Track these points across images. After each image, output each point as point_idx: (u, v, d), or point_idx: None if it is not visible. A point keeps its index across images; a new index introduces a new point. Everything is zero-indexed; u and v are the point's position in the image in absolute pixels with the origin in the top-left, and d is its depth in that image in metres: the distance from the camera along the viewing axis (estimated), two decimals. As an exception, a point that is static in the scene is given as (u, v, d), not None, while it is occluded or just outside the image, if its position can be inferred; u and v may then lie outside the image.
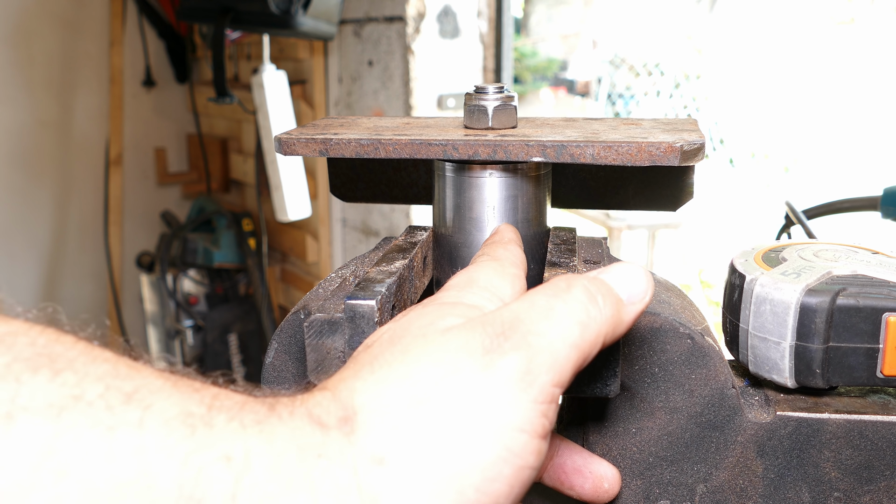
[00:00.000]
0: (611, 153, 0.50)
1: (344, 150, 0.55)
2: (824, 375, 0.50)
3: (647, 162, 0.50)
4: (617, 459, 0.52)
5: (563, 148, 0.51)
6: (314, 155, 0.55)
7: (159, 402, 0.32)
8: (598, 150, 0.51)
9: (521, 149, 0.52)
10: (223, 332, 3.03)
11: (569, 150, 0.51)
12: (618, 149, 0.50)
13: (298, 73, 2.72)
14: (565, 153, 0.51)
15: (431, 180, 0.67)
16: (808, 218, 1.10)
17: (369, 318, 0.46)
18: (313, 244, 2.80)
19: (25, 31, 3.21)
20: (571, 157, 0.51)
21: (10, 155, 3.26)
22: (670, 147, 0.49)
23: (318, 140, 0.55)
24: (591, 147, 0.51)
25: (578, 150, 0.51)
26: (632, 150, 0.50)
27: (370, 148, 0.54)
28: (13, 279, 3.30)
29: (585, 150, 0.51)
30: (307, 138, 0.55)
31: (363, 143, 0.54)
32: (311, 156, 0.55)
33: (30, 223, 3.35)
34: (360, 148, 0.54)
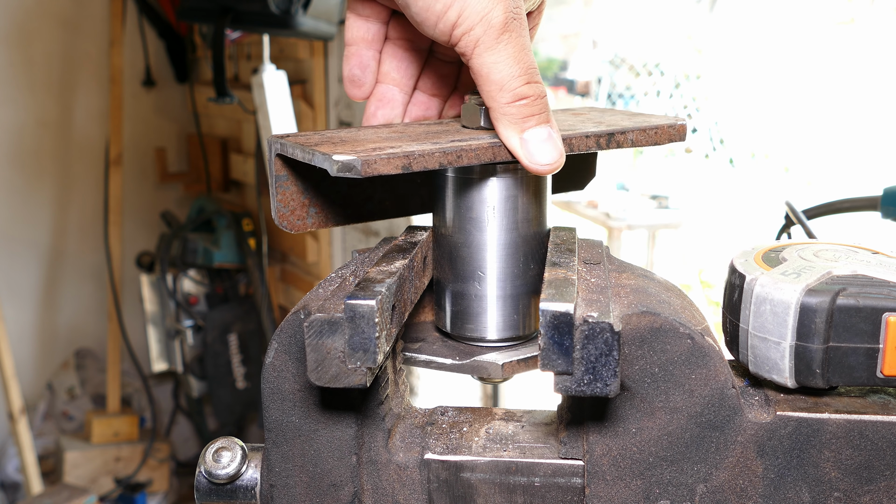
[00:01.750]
0: (645, 137, 0.58)
1: (428, 162, 0.51)
2: (824, 375, 0.50)
3: (667, 142, 0.59)
4: (617, 459, 0.52)
5: (611, 136, 0.57)
6: (398, 171, 0.50)
7: None
8: (636, 136, 0.58)
9: (582, 141, 0.56)
10: (223, 332, 3.03)
11: (615, 138, 0.57)
12: (649, 133, 0.58)
13: (298, 73, 2.72)
14: (613, 141, 0.57)
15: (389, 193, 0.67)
16: (808, 218, 1.10)
17: (369, 318, 0.46)
18: (313, 244, 2.80)
19: (25, 31, 3.21)
20: (617, 145, 0.57)
21: (10, 155, 3.26)
22: (683, 126, 0.59)
23: (400, 155, 0.50)
24: (631, 133, 0.58)
25: (623, 136, 0.57)
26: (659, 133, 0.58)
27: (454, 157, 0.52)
28: (13, 279, 3.30)
29: (627, 137, 0.58)
30: (388, 155, 0.50)
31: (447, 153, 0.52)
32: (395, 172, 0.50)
33: (30, 223, 3.35)
34: (443, 158, 0.52)
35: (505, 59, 0.52)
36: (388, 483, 0.56)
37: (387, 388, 0.56)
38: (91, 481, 3.12)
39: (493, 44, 0.52)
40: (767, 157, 6.53)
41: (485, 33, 0.52)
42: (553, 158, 0.53)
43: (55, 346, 3.46)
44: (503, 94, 0.53)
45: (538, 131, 0.53)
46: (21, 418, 2.89)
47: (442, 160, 0.51)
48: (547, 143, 0.53)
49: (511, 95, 0.53)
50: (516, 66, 0.53)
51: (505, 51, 0.52)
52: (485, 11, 0.52)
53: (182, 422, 3.63)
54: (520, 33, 0.53)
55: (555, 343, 0.45)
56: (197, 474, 0.56)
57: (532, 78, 0.53)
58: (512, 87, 0.53)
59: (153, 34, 3.42)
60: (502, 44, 0.52)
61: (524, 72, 0.53)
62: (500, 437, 0.57)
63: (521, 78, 0.53)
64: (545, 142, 0.53)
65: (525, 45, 0.53)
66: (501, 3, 0.52)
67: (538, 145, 0.53)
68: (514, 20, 0.52)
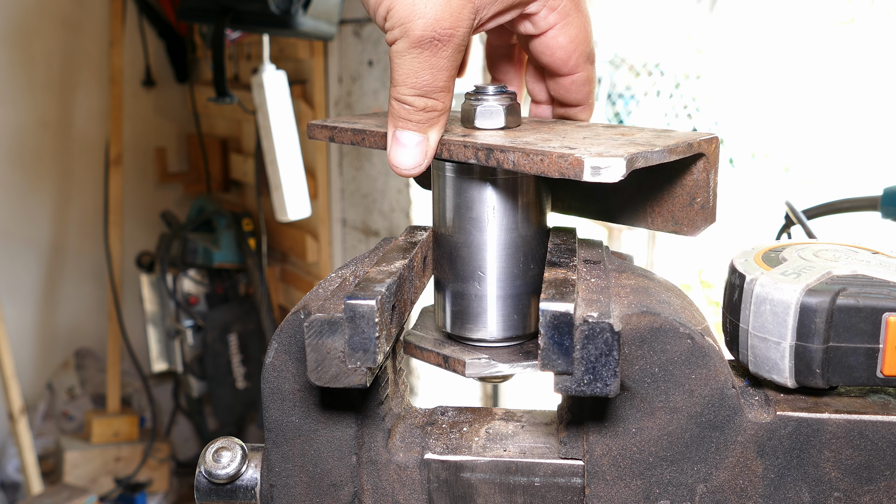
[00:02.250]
0: (528, 161, 0.50)
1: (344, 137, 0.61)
2: (824, 375, 0.50)
3: (557, 174, 0.49)
4: (617, 459, 0.52)
5: (490, 152, 0.53)
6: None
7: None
8: (518, 157, 0.51)
9: (459, 149, 0.55)
10: (223, 332, 3.03)
11: (495, 154, 0.52)
12: (533, 157, 0.50)
13: (298, 73, 2.72)
14: (492, 157, 0.53)
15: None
16: (808, 218, 1.10)
17: (369, 318, 0.46)
18: (313, 244, 2.80)
19: (25, 31, 3.21)
20: (497, 162, 0.52)
21: (10, 155, 3.26)
22: (577, 160, 0.47)
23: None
24: (512, 153, 0.51)
25: (502, 155, 0.52)
26: (545, 161, 0.49)
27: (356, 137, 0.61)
28: (13, 279, 3.30)
29: (508, 156, 0.51)
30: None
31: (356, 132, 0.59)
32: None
33: (30, 223, 3.35)
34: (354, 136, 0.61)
35: (406, 69, 0.54)
36: (388, 483, 0.56)
37: (387, 388, 0.56)
38: (91, 481, 3.12)
39: (403, 51, 0.54)
40: (767, 157, 6.52)
41: (400, 39, 0.54)
42: (407, 164, 0.56)
43: (55, 346, 3.46)
44: (394, 91, 0.56)
45: (408, 135, 0.56)
46: (21, 418, 2.89)
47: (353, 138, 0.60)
48: (413, 148, 0.56)
49: (397, 97, 0.56)
50: (413, 78, 0.55)
51: (410, 62, 0.54)
52: (406, 20, 0.53)
53: (182, 422, 3.63)
54: (434, 53, 0.54)
55: (555, 343, 0.45)
56: (197, 474, 0.56)
57: (426, 93, 0.55)
58: (400, 93, 0.55)
59: (153, 34, 3.42)
60: (410, 55, 0.54)
61: (419, 86, 0.55)
62: (500, 437, 0.57)
63: (413, 89, 0.55)
64: (412, 147, 0.56)
65: (434, 65, 0.54)
66: (423, 19, 0.53)
67: (402, 147, 0.56)
68: (432, 40, 0.53)
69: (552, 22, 0.60)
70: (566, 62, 0.62)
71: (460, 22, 0.54)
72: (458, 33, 0.54)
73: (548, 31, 0.61)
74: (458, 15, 0.53)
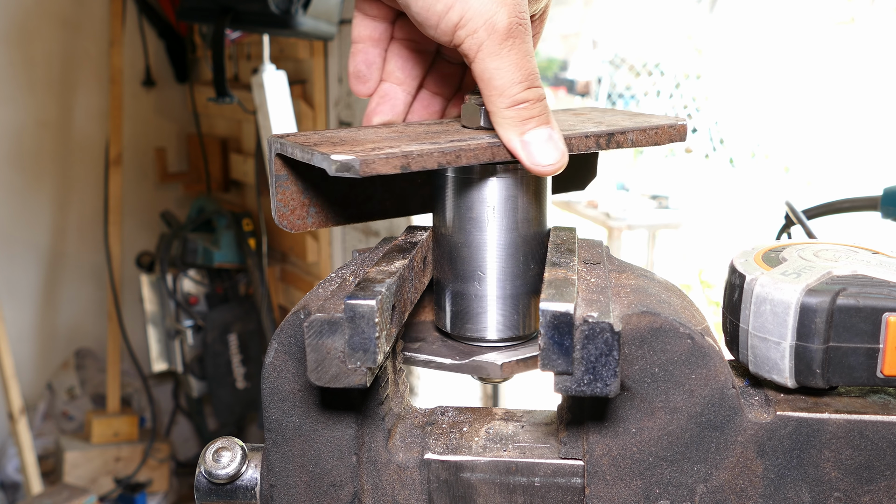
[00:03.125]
0: (645, 137, 0.58)
1: (426, 161, 0.51)
2: (824, 375, 0.50)
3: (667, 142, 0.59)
4: (617, 459, 0.52)
5: (611, 136, 0.57)
6: (395, 171, 0.50)
7: None
8: (636, 136, 0.58)
9: (581, 140, 0.57)
10: (223, 332, 3.03)
11: (615, 138, 0.57)
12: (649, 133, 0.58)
13: (298, 73, 2.72)
14: (613, 141, 0.57)
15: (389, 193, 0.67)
16: (808, 218, 1.10)
17: (369, 318, 0.46)
18: (313, 244, 2.80)
19: (25, 31, 3.21)
20: (617, 145, 0.57)
21: (10, 155, 3.26)
22: (684, 126, 0.59)
23: (399, 155, 0.50)
24: (631, 133, 0.57)
25: (623, 136, 0.57)
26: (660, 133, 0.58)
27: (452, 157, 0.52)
28: (13, 279, 3.30)
29: (627, 137, 0.57)
30: (386, 155, 0.50)
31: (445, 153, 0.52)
32: (393, 172, 0.50)
33: (30, 223, 3.35)
34: (441, 158, 0.51)
35: (507, 66, 0.53)
36: (388, 483, 0.56)
37: (387, 388, 0.56)
38: (91, 481, 3.12)
39: (496, 49, 0.52)
40: (767, 157, 6.53)
41: (489, 37, 0.52)
42: (555, 159, 0.54)
43: (55, 346, 3.46)
44: (503, 98, 0.53)
45: (538, 132, 0.53)
46: (21, 418, 2.89)
47: (441, 160, 0.51)
48: (548, 143, 0.54)
49: (511, 100, 0.53)
50: (518, 73, 0.53)
51: (508, 57, 0.52)
52: (489, 14, 0.52)
53: (182, 422, 3.63)
54: (523, 39, 0.53)
55: (555, 343, 0.45)
56: (197, 474, 0.56)
57: (533, 83, 0.54)
58: (512, 93, 0.53)
59: (153, 34, 3.42)
60: (506, 49, 0.52)
61: (525, 77, 0.53)
62: (500, 437, 0.57)
63: (522, 84, 0.53)
64: (546, 142, 0.54)
65: (528, 51, 0.53)
66: (505, 7, 0.52)
67: (539, 146, 0.53)
68: (518, 25, 0.52)
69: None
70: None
71: (526, 5, 0.53)
72: (528, 16, 0.54)
73: None
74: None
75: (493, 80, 0.53)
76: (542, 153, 0.53)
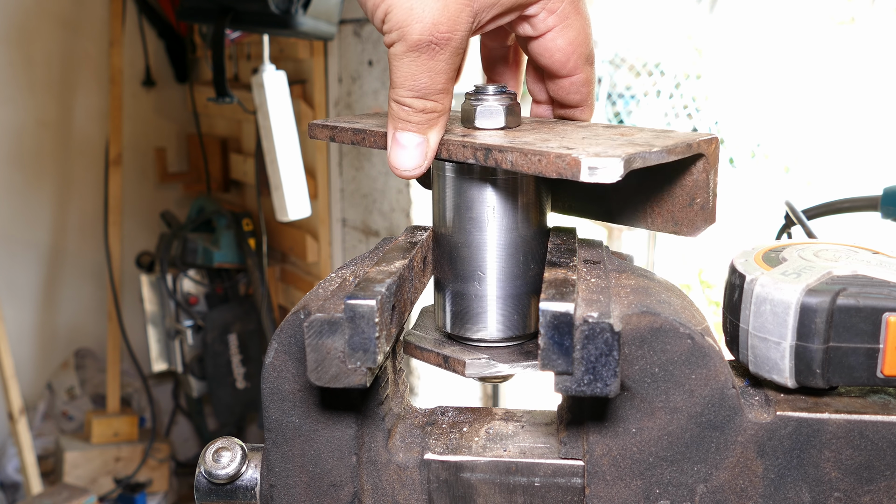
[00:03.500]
0: (525, 161, 0.50)
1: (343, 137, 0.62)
2: (824, 375, 0.50)
3: (554, 174, 0.49)
4: (617, 459, 0.52)
5: (488, 152, 0.52)
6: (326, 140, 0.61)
7: None
8: (515, 157, 0.51)
9: (458, 149, 0.55)
10: (223, 332, 3.03)
11: (493, 154, 0.52)
12: (531, 157, 0.50)
13: (298, 73, 2.72)
14: (490, 157, 0.52)
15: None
16: (808, 218, 1.10)
17: (369, 318, 0.46)
18: (313, 244, 2.80)
19: (25, 31, 3.21)
20: (495, 162, 0.52)
21: (10, 155, 3.26)
22: (574, 161, 0.47)
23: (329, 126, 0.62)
24: (511, 153, 0.51)
25: (500, 155, 0.52)
26: (542, 161, 0.49)
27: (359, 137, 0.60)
28: (13, 279, 3.30)
29: (506, 156, 0.51)
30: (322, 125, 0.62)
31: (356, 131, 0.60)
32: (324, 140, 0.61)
33: (30, 223, 3.35)
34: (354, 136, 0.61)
35: (404, 72, 0.55)
36: (388, 483, 0.56)
37: (387, 388, 0.56)
38: (91, 481, 3.12)
39: (400, 55, 0.54)
40: (767, 157, 6.53)
41: (397, 42, 0.54)
42: (407, 166, 0.57)
43: (55, 346, 3.46)
44: (393, 91, 0.56)
45: (408, 136, 0.56)
46: (21, 418, 2.89)
47: (354, 138, 0.60)
48: (413, 150, 0.56)
49: (398, 97, 0.56)
50: (410, 81, 0.55)
51: (408, 66, 0.54)
52: (403, 23, 0.53)
53: (182, 422, 3.63)
54: (431, 56, 0.54)
55: (555, 343, 0.45)
56: (197, 474, 0.56)
57: (425, 95, 0.55)
58: (399, 94, 0.55)
59: (153, 34, 3.42)
60: (408, 59, 0.54)
61: (417, 88, 0.55)
62: (500, 437, 0.57)
63: (410, 91, 0.55)
64: (412, 148, 0.56)
65: (432, 68, 0.54)
66: (421, 24, 0.53)
67: (401, 149, 0.56)
68: (429, 44, 0.53)
69: (551, 24, 0.60)
70: (565, 64, 0.62)
71: (458, 26, 0.54)
72: (456, 37, 0.54)
73: (546, 34, 0.61)
74: (456, 19, 0.53)
75: (391, 75, 0.56)
76: (401, 156, 0.57)
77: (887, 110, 5.58)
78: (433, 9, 0.53)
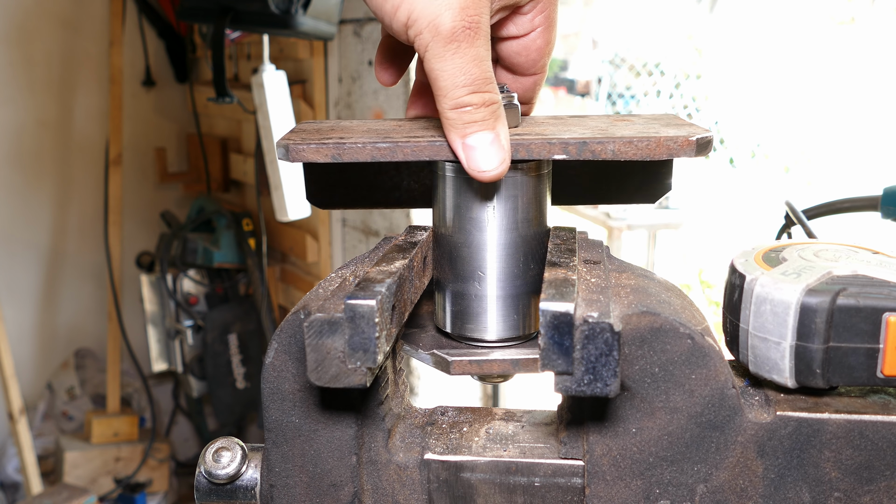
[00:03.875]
0: (631, 148, 0.52)
1: (359, 154, 0.54)
2: (824, 375, 0.50)
3: (666, 155, 0.52)
4: (617, 459, 0.52)
5: (584, 145, 0.53)
6: (326, 160, 0.54)
7: None
8: (618, 146, 0.53)
9: (544, 147, 0.53)
10: (223, 332, 3.03)
11: (590, 146, 0.53)
12: (637, 144, 0.52)
13: (298, 73, 2.72)
14: (587, 150, 0.53)
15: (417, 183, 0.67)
16: (808, 218, 1.10)
17: (369, 318, 0.46)
18: (313, 244, 2.80)
19: (25, 31, 3.21)
20: (592, 154, 0.53)
21: (10, 155, 3.26)
22: (687, 140, 0.52)
23: (331, 145, 0.54)
24: (612, 143, 0.53)
25: (600, 146, 0.53)
26: (651, 145, 0.52)
27: (387, 151, 0.54)
28: (13, 279, 3.30)
29: (606, 147, 0.53)
30: (317, 144, 0.54)
31: (380, 147, 0.54)
32: (323, 161, 0.54)
33: (30, 223, 3.35)
34: (376, 152, 0.54)
35: (451, 68, 0.52)
36: (388, 483, 0.56)
37: (387, 388, 0.56)
38: (91, 481, 3.12)
39: (440, 51, 0.52)
40: (767, 157, 6.53)
41: (433, 39, 0.52)
42: (493, 165, 0.53)
43: (55, 346, 3.46)
44: (446, 100, 0.53)
45: (480, 136, 0.53)
46: (21, 418, 2.89)
47: (374, 154, 0.54)
48: (489, 148, 0.53)
49: (454, 103, 0.53)
50: (461, 76, 0.52)
51: (452, 60, 0.52)
52: (432, 17, 0.51)
53: (182, 422, 3.63)
54: (471, 42, 0.52)
55: (555, 343, 0.45)
56: (197, 474, 0.56)
57: (480, 87, 0.53)
58: (455, 96, 0.53)
59: (153, 34, 3.42)
60: (450, 52, 0.52)
61: (471, 82, 0.53)
62: (500, 437, 0.57)
63: (466, 87, 0.53)
64: (487, 147, 0.53)
65: (476, 56, 0.52)
66: (451, 10, 0.51)
67: (479, 151, 0.53)
68: (465, 29, 0.52)
69: (537, 24, 0.61)
70: (536, 63, 0.63)
71: (482, 9, 0.53)
72: (484, 19, 0.53)
73: (530, 33, 0.61)
74: (479, 1, 0.52)
75: (438, 81, 0.53)
76: (482, 158, 0.53)
77: (887, 110, 5.57)
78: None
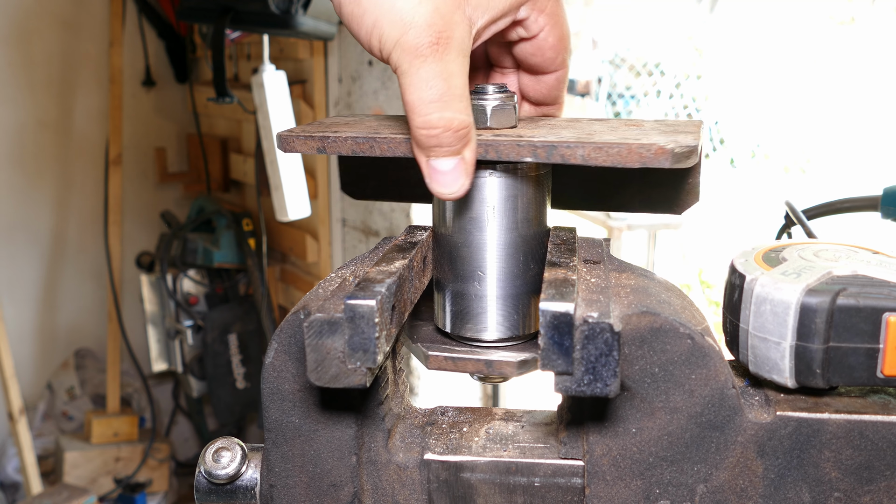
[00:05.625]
0: (601, 154, 0.50)
1: (341, 147, 0.55)
2: (824, 375, 0.50)
3: (638, 164, 0.49)
4: (617, 459, 0.52)
5: (553, 148, 0.51)
6: (312, 152, 0.56)
7: None
8: (588, 151, 0.50)
9: (513, 149, 0.52)
10: (223, 332, 3.03)
11: (559, 150, 0.51)
12: (608, 150, 0.50)
13: (298, 73, 2.72)
14: (556, 154, 0.51)
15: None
16: (808, 218, 1.10)
17: (369, 318, 0.46)
18: (313, 244, 2.80)
19: (25, 31, 3.21)
20: (562, 158, 0.51)
21: (10, 155, 3.26)
22: (661, 149, 0.49)
23: (317, 137, 0.56)
24: (581, 148, 0.51)
25: (569, 150, 0.51)
26: (622, 152, 0.50)
27: (366, 146, 0.55)
28: (13, 279, 3.30)
29: (576, 151, 0.51)
30: (306, 136, 0.56)
31: (359, 141, 0.55)
32: (310, 153, 0.56)
33: (30, 223, 3.35)
34: (355, 146, 0.55)
35: (417, 83, 0.51)
36: (388, 483, 0.56)
37: (387, 388, 0.56)
38: (91, 481, 3.12)
39: (406, 68, 0.51)
40: (767, 157, 6.53)
41: (400, 58, 0.51)
42: (452, 189, 0.53)
43: (55, 346, 3.46)
44: (414, 117, 0.52)
45: (443, 162, 0.53)
46: (21, 418, 2.89)
47: (354, 148, 0.55)
48: (451, 173, 0.53)
49: (421, 121, 0.52)
50: (428, 92, 0.51)
51: (417, 75, 0.51)
52: (398, 35, 0.51)
53: (182, 422, 3.63)
54: (438, 58, 0.51)
55: (555, 343, 0.45)
56: (197, 474, 0.56)
57: (445, 108, 0.51)
58: (422, 112, 0.52)
59: (153, 34, 3.42)
60: (414, 68, 0.51)
61: (437, 97, 0.51)
62: (500, 437, 0.57)
63: (433, 104, 0.51)
64: (450, 172, 0.53)
65: (443, 71, 0.51)
66: (415, 28, 0.51)
67: (440, 174, 0.53)
68: (432, 45, 0.51)
69: (542, 24, 0.61)
70: (554, 60, 0.63)
71: (453, 25, 0.52)
72: (456, 35, 0.52)
73: (539, 34, 0.61)
74: (450, 18, 0.52)
75: (404, 97, 0.52)
76: (441, 181, 0.53)
77: (887, 110, 5.57)
78: (424, 12, 0.51)
